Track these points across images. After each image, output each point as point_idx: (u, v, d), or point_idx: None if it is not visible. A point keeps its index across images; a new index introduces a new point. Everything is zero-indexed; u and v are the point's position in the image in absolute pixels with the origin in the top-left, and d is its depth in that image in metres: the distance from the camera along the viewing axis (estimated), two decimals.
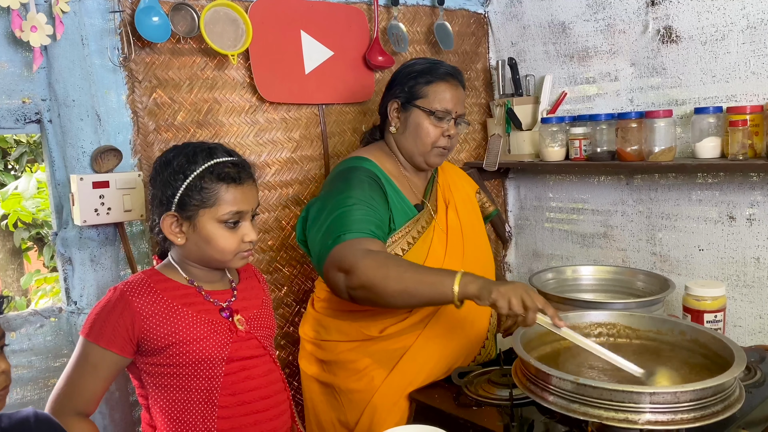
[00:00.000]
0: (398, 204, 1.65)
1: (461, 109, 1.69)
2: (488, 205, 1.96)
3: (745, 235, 1.95)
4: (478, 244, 1.79)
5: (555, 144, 2.25)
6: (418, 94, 1.66)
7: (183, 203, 1.27)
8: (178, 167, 1.28)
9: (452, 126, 1.67)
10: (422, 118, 1.65)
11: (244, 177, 1.31)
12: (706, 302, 1.73)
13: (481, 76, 2.57)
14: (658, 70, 2.08)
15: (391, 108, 1.70)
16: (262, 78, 1.92)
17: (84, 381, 1.27)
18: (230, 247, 1.30)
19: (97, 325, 1.26)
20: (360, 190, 1.55)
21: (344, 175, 1.62)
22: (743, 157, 1.79)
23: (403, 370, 1.59)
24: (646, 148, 1.99)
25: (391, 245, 1.60)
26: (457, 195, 1.81)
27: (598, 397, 1.10)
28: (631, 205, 2.24)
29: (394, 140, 1.72)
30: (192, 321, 1.29)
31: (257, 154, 1.96)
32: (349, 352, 1.63)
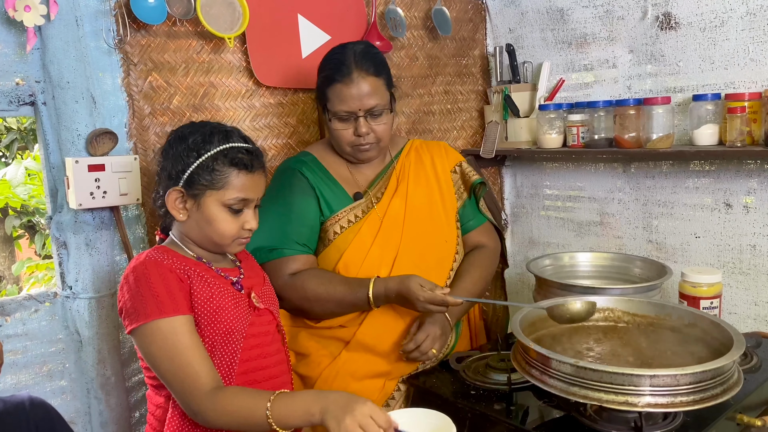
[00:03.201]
0: (331, 195, 1.67)
1: (370, 102, 1.58)
2: (471, 175, 1.83)
3: (741, 222, 1.95)
4: (425, 228, 1.71)
5: (552, 131, 2.24)
6: (323, 98, 1.64)
7: (191, 181, 1.27)
8: (193, 144, 1.28)
9: (362, 124, 1.59)
10: (330, 123, 1.64)
11: (256, 165, 1.32)
12: (702, 289, 1.73)
13: (479, 62, 2.56)
14: (656, 57, 2.07)
15: (320, 111, 1.74)
16: (259, 62, 1.90)
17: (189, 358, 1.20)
18: (230, 231, 1.30)
19: (146, 303, 1.20)
20: (289, 197, 1.64)
21: (278, 179, 1.70)
22: (741, 144, 1.79)
23: (345, 359, 1.62)
24: (644, 135, 1.99)
25: (327, 229, 1.66)
26: (418, 176, 1.75)
27: (598, 380, 1.10)
28: (627, 192, 2.24)
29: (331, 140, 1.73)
30: (215, 293, 1.28)
31: (253, 139, 1.92)
32: (296, 337, 1.67)
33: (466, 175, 1.83)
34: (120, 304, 1.26)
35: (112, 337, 1.67)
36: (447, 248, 1.75)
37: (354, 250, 1.62)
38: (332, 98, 1.60)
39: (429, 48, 2.37)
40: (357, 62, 1.58)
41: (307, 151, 1.76)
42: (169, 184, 1.29)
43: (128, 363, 1.74)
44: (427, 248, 1.70)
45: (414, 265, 1.63)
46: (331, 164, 1.71)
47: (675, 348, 1.30)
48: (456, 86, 2.49)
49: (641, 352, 1.30)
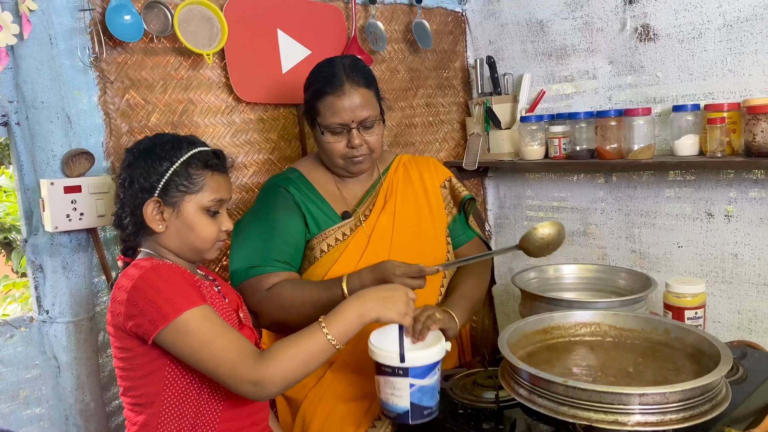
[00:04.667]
0: (318, 213, 1.65)
1: (362, 114, 1.57)
2: (461, 191, 1.82)
3: (723, 231, 1.96)
4: (413, 244, 1.68)
5: (534, 143, 2.24)
6: (314, 111, 1.61)
7: (167, 188, 1.27)
8: (164, 153, 1.27)
9: (355, 136, 1.58)
10: (321, 136, 1.61)
11: (224, 166, 1.36)
12: (687, 299, 1.74)
13: (459, 74, 2.56)
14: (636, 68, 2.08)
15: (308, 125, 1.68)
16: (239, 77, 1.88)
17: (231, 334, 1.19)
18: (211, 235, 1.31)
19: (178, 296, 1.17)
20: (272, 214, 1.60)
21: (262, 197, 1.66)
22: (721, 155, 1.80)
23: (330, 380, 1.59)
24: (625, 146, 2.00)
25: (314, 247, 1.63)
26: (406, 192, 1.73)
27: (587, 399, 1.09)
28: (610, 202, 2.25)
29: (321, 155, 1.71)
30: (210, 296, 1.28)
31: (234, 155, 1.92)
32: None
33: (456, 191, 1.83)
34: (125, 320, 1.19)
35: (90, 361, 1.63)
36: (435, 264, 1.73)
37: (340, 267, 1.60)
38: (324, 111, 1.58)
39: (410, 61, 2.36)
40: (348, 74, 1.58)
41: (293, 167, 1.73)
42: (143, 197, 1.26)
43: (108, 387, 1.69)
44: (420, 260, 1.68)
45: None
46: (318, 181, 1.68)
47: (663, 363, 1.29)
48: (437, 99, 2.49)
49: (629, 368, 1.29)
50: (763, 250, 1.89)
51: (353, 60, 1.64)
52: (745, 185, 1.89)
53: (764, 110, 1.68)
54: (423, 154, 2.41)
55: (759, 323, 1.93)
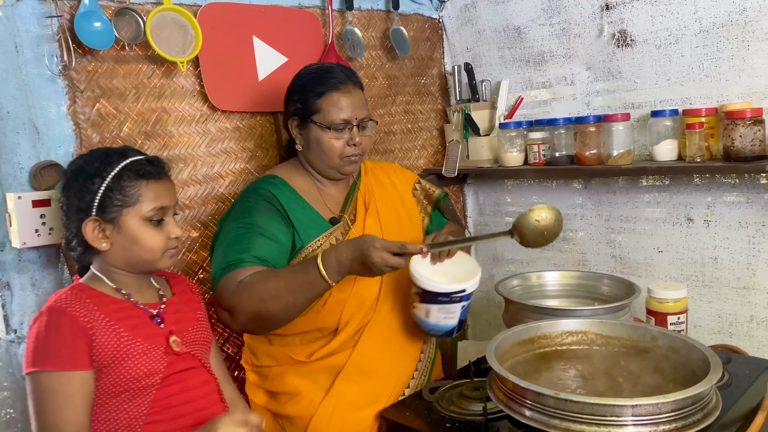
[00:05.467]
0: (306, 220, 1.59)
1: (362, 113, 1.59)
2: (434, 191, 1.84)
3: (702, 236, 1.97)
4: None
5: (514, 149, 2.23)
6: (313, 109, 1.57)
7: (104, 205, 1.24)
8: (94, 171, 1.26)
9: (356, 134, 1.58)
10: (321, 134, 1.57)
11: (161, 172, 1.32)
12: (669, 304, 1.73)
13: (437, 81, 2.54)
14: (613, 74, 2.09)
15: (291, 126, 1.64)
16: (214, 86, 1.83)
17: (64, 417, 1.17)
18: (158, 245, 1.29)
19: (48, 352, 1.18)
20: (255, 216, 1.52)
21: (242, 200, 1.58)
22: (701, 159, 1.81)
23: (340, 390, 1.54)
24: (604, 151, 2.00)
25: (302, 261, 1.53)
26: (382, 196, 1.73)
27: (579, 412, 1.07)
28: (589, 208, 2.25)
29: (303, 157, 1.66)
30: (123, 341, 1.23)
31: (209, 165, 1.87)
32: (282, 376, 1.58)
33: (428, 191, 1.84)
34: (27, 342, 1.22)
35: None
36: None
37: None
38: (327, 108, 1.56)
39: (387, 68, 2.34)
40: (347, 75, 1.60)
41: (274, 174, 1.67)
42: (81, 217, 1.25)
43: None
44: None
45: (398, 281, 1.61)
46: (301, 187, 1.64)
47: (651, 371, 1.28)
48: (416, 105, 2.47)
49: (619, 378, 1.27)
50: (742, 253, 1.90)
51: (344, 65, 1.68)
52: (724, 190, 1.90)
53: (742, 115, 1.69)
54: (402, 162, 2.39)
55: (739, 326, 1.94)
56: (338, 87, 1.57)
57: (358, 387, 1.55)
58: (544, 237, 1.35)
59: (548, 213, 1.34)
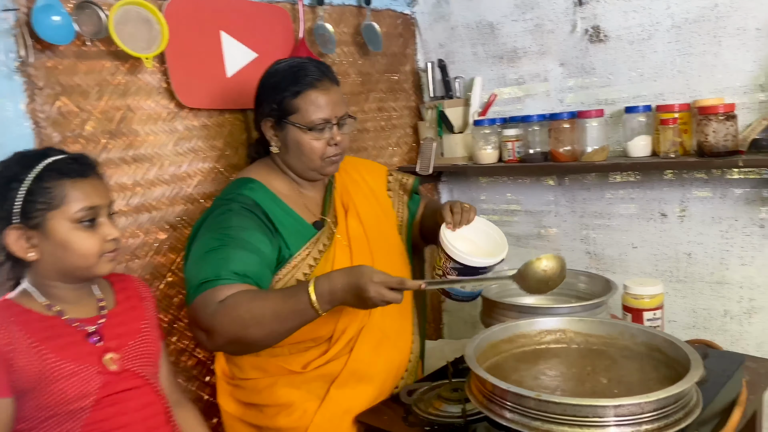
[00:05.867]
0: (292, 227, 1.51)
1: (341, 110, 1.53)
2: (407, 179, 1.82)
3: (677, 231, 1.97)
4: (387, 245, 1.67)
5: (488, 146, 2.22)
6: (289, 110, 1.50)
7: (26, 211, 1.15)
8: (12, 175, 1.17)
9: (336, 133, 1.52)
10: (300, 135, 1.50)
11: (88, 170, 1.22)
12: (645, 300, 1.74)
13: (410, 78, 2.51)
14: (587, 70, 2.08)
15: (265, 127, 1.55)
16: (181, 82, 1.77)
17: None
18: (92, 249, 1.19)
19: None
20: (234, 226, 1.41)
21: (219, 208, 1.47)
22: (674, 155, 1.81)
23: (336, 398, 1.49)
24: (579, 148, 1.99)
25: (291, 271, 1.48)
26: (358, 195, 1.68)
27: (561, 413, 1.04)
28: (563, 205, 2.24)
29: (280, 159, 1.58)
30: (54, 359, 1.15)
31: (177, 164, 1.81)
32: (272, 388, 1.50)
33: (401, 181, 1.82)
34: None
35: None
36: (403, 261, 1.71)
37: None
38: (305, 107, 1.49)
39: (360, 64, 2.30)
40: (322, 71, 1.53)
41: (249, 177, 1.56)
42: (2, 227, 1.16)
43: None
44: (392, 264, 1.63)
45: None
46: (281, 190, 1.56)
47: (632, 370, 1.27)
48: (389, 103, 2.44)
49: (599, 377, 1.26)
50: (715, 248, 1.91)
51: (317, 60, 1.60)
52: (697, 185, 1.91)
53: (715, 110, 1.70)
54: (377, 160, 2.35)
55: (713, 321, 1.95)
56: (315, 85, 1.49)
57: (354, 393, 1.50)
58: (547, 285, 1.33)
59: (554, 263, 1.31)
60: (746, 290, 1.87)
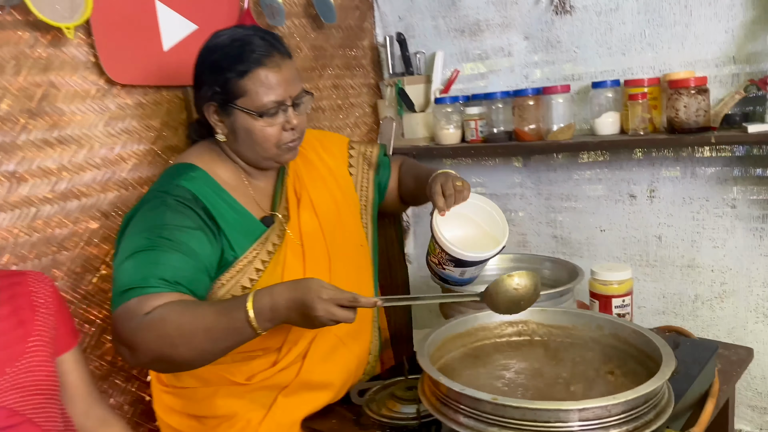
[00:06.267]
0: (237, 224, 1.33)
1: (296, 88, 1.33)
2: (371, 151, 1.64)
3: (646, 213, 1.88)
4: (346, 238, 1.51)
5: (450, 126, 2.10)
6: (235, 93, 1.29)
7: None
8: None
9: (292, 115, 1.33)
10: (250, 122, 1.31)
11: None
12: (613, 286, 1.65)
13: (369, 54, 2.37)
14: (552, 44, 1.96)
15: (208, 113, 1.35)
16: (110, 56, 1.61)
17: None
18: None
19: None
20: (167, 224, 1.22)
21: (152, 200, 1.28)
22: (643, 132, 1.71)
23: (284, 406, 1.35)
24: (544, 126, 1.89)
25: (235, 276, 1.31)
26: (312, 180, 1.50)
27: (520, 418, 0.93)
28: (529, 187, 2.14)
29: (228, 147, 1.39)
30: None
31: (109, 146, 1.65)
32: (211, 399, 1.35)
33: (365, 154, 1.65)
34: None
35: None
36: (363, 254, 1.56)
37: None
38: (254, 89, 1.28)
39: (313, 38, 2.15)
40: (271, 43, 1.31)
41: (190, 164, 1.36)
42: None
43: None
44: (351, 259, 1.49)
45: (349, 281, 1.42)
46: (227, 181, 1.37)
47: (599, 364, 1.16)
48: (346, 80, 2.30)
49: (563, 373, 1.15)
50: (686, 230, 1.83)
51: (263, 29, 1.37)
52: (667, 164, 1.82)
53: (686, 84, 1.60)
54: None
55: (684, 306, 1.87)
56: (263, 62, 1.28)
57: (304, 400, 1.36)
58: (519, 306, 1.15)
59: (527, 281, 1.14)
60: (717, 274, 1.79)
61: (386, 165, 1.67)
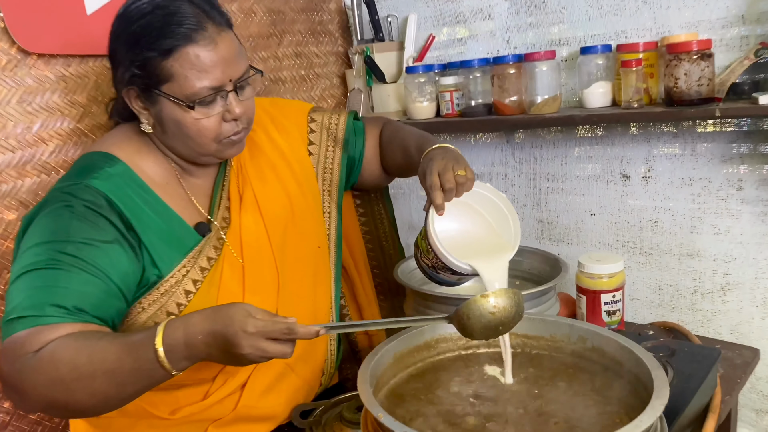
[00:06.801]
0: (164, 233, 1.09)
1: (238, 68, 1.06)
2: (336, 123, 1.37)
3: (641, 195, 1.68)
4: (301, 242, 1.27)
5: (423, 98, 1.88)
6: (159, 77, 1.03)
7: None
8: None
9: (234, 101, 1.07)
10: (180, 113, 1.05)
11: None
12: (603, 281, 1.47)
13: (336, 18, 2.14)
14: (537, 4, 1.73)
15: (129, 98, 1.10)
16: (19, 21, 1.38)
17: None
18: None
19: None
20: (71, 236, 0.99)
21: (54, 203, 1.03)
22: (638, 105, 1.50)
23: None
24: (527, 98, 1.67)
25: (159, 299, 1.08)
26: (259, 170, 1.24)
27: None
28: (512, 166, 1.93)
29: (157, 138, 1.14)
30: None
31: (26, 125, 1.44)
32: (129, 430, 1.15)
33: (329, 129, 1.36)
34: None
35: None
36: (322, 257, 1.32)
37: None
38: (182, 73, 1.02)
39: (269, 0, 1.92)
40: (204, 11, 1.04)
41: (109, 153, 1.10)
42: None
43: None
44: (307, 267, 1.26)
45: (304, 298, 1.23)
46: (154, 178, 1.12)
47: (579, 385, 0.97)
48: (310, 47, 2.07)
49: (536, 400, 0.96)
50: (685, 215, 1.62)
51: None
52: (665, 140, 1.61)
53: (687, 48, 1.38)
54: None
55: (681, 299, 1.68)
56: (193, 38, 1.01)
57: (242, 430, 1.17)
58: (497, 331, 0.94)
59: (507, 301, 0.92)
60: (720, 264, 1.59)
61: (359, 132, 1.41)
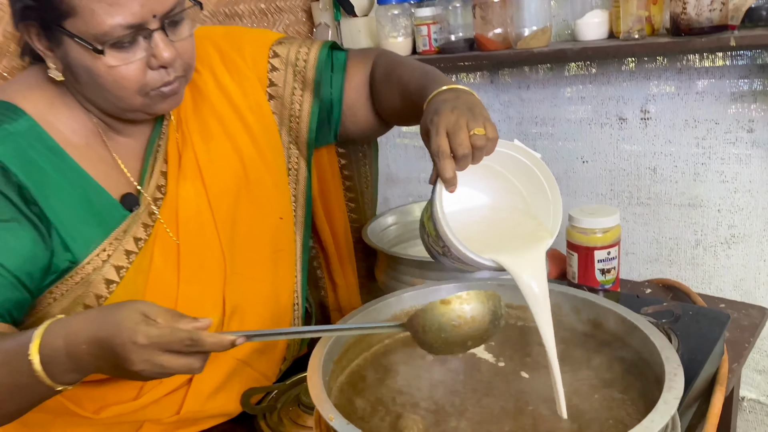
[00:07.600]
0: (80, 209, 0.88)
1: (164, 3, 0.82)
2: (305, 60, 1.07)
3: (639, 139, 1.53)
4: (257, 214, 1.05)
5: (398, 34, 1.71)
6: (59, 10, 0.79)
7: None
8: None
9: (161, 43, 0.83)
10: (89, 59, 0.82)
11: None
12: (596, 236, 1.32)
13: None
14: None
15: (29, 37, 0.85)
16: None
17: None
18: None
19: None
20: None
21: None
22: (639, 36, 1.33)
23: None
24: (512, 31, 1.50)
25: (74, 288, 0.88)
26: (202, 126, 1.00)
27: None
28: (496, 109, 1.76)
29: (72, 87, 0.90)
30: None
31: None
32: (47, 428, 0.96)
33: (296, 66, 1.07)
34: None
35: None
36: (284, 229, 1.10)
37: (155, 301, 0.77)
38: (87, 6, 0.78)
39: None
40: None
41: (13, 105, 0.88)
42: None
43: None
44: (265, 247, 1.06)
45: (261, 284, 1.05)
46: (69, 137, 0.90)
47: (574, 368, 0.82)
48: None
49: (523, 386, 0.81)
50: (687, 160, 1.47)
51: None
52: (668, 77, 1.45)
53: None
54: None
55: (681, 253, 1.55)
56: None
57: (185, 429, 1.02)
58: (464, 346, 0.74)
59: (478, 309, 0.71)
60: (725, 215, 1.45)
61: (339, 68, 1.10)
